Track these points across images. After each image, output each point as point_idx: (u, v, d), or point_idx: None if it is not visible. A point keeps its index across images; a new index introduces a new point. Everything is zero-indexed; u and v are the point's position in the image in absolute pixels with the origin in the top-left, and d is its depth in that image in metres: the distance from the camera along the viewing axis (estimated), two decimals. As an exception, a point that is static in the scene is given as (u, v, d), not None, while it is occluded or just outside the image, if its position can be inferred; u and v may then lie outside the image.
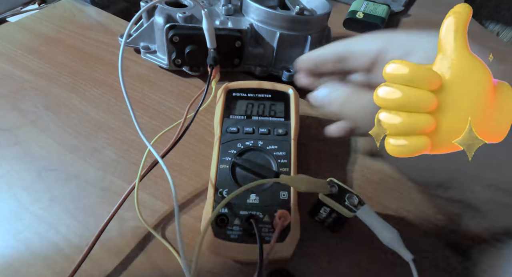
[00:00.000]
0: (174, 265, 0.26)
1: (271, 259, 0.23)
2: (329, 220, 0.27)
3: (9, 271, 0.26)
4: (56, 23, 0.50)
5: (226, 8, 0.41)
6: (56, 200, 0.30)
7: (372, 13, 0.58)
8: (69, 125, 0.36)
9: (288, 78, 0.42)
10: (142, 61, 0.44)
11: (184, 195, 0.31)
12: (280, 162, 0.28)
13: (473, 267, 0.26)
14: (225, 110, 0.32)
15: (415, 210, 0.31)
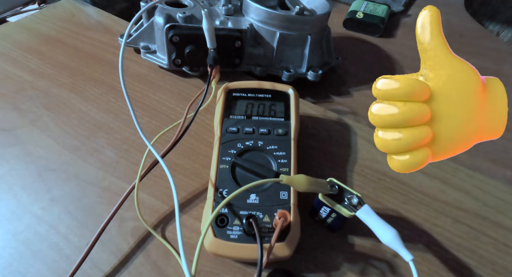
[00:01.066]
0: (174, 265, 0.26)
1: (271, 259, 0.23)
2: (329, 220, 0.27)
3: (9, 271, 0.26)
4: (56, 23, 0.50)
5: (226, 8, 0.41)
6: (56, 200, 0.30)
7: (372, 13, 0.58)
8: (69, 125, 0.36)
9: (288, 78, 0.42)
10: (142, 61, 0.44)
11: (184, 195, 0.31)
12: (280, 162, 0.28)
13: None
14: (225, 110, 0.32)
15: (415, 210, 0.31)
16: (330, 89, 0.46)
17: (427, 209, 0.31)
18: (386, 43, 0.57)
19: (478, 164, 0.38)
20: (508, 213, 0.31)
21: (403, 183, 0.33)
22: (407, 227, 0.30)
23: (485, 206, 0.32)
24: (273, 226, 0.24)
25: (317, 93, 0.45)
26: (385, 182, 0.33)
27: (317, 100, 0.44)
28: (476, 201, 0.32)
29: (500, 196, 0.32)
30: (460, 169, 0.34)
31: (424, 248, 0.28)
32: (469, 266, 0.28)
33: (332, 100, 0.45)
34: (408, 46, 0.57)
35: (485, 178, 0.34)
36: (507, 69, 0.53)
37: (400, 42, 0.58)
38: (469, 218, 0.31)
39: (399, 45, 0.57)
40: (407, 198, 0.32)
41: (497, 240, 0.29)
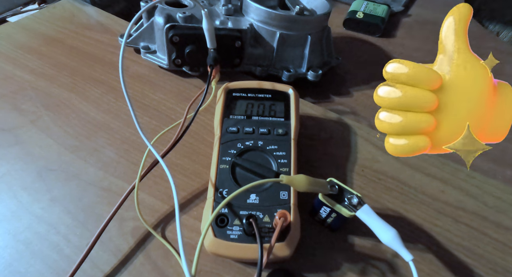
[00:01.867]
0: (174, 265, 0.26)
1: (271, 259, 0.23)
2: (329, 220, 0.27)
3: (9, 271, 0.26)
4: (56, 23, 0.50)
5: (226, 8, 0.41)
6: (56, 200, 0.30)
7: (372, 13, 0.58)
8: (69, 125, 0.36)
9: (288, 78, 0.42)
10: (142, 61, 0.44)
11: (184, 195, 0.31)
12: (280, 162, 0.28)
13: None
14: (225, 110, 0.32)
15: (415, 210, 0.31)
16: (330, 89, 0.46)
17: (427, 209, 0.31)
18: (386, 43, 0.57)
19: (478, 164, 0.38)
20: (508, 213, 0.31)
21: (403, 183, 0.33)
22: (407, 227, 0.30)
23: (485, 206, 0.32)
24: (273, 226, 0.24)
25: (317, 93, 0.45)
26: (385, 182, 0.33)
27: (317, 100, 0.44)
28: (476, 201, 0.32)
29: (500, 196, 0.32)
30: (460, 169, 0.34)
31: (424, 248, 0.28)
32: (469, 266, 0.28)
33: (332, 100, 0.45)
34: (408, 46, 0.57)
35: (485, 178, 0.34)
36: (508, 69, 0.53)
37: (400, 42, 0.58)
38: (469, 218, 0.31)
39: (399, 45, 0.57)
40: (407, 198, 0.32)
41: (497, 240, 0.29)
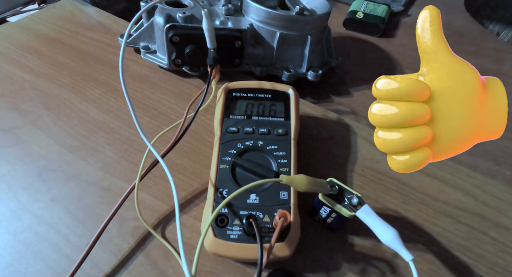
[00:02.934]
0: (174, 265, 0.26)
1: (271, 259, 0.23)
2: (329, 220, 0.27)
3: (9, 271, 0.26)
4: (56, 23, 0.50)
5: (226, 8, 0.41)
6: (56, 200, 0.30)
7: (372, 13, 0.58)
8: (69, 125, 0.36)
9: (288, 78, 0.42)
10: (142, 61, 0.44)
11: (184, 195, 0.31)
12: (280, 162, 0.28)
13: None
14: (225, 110, 0.32)
15: (415, 210, 0.31)
16: (330, 89, 0.46)
17: (427, 209, 0.31)
18: (386, 43, 0.57)
19: (478, 164, 0.38)
20: (508, 213, 0.31)
21: (403, 183, 0.33)
22: (407, 227, 0.30)
23: (485, 206, 0.32)
24: (273, 226, 0.24)
25: (317, 93, 0.45)
26: (385, 182, 0.33)
27: (317, 100, 0.44)
28: (476, 201, 0.32)
29: (500, 196, 0.32)
30: (460, 169, 0.34)
31: (424, 248, 0.28)
32: (469, 266, 0.28)
33: (332, 100, 0.45)
34: (408, 46, 0.57)
35: (485, 178, 0.34)
36: (507, 69, 0.53)
37: (400, 42, 0.58)
38: (469, 218, 0.31)
39: (399, 45, 0.57)
40: (407, 198, 0.32)
41: (497, 240, 0.29)
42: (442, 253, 0.28)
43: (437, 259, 0.28)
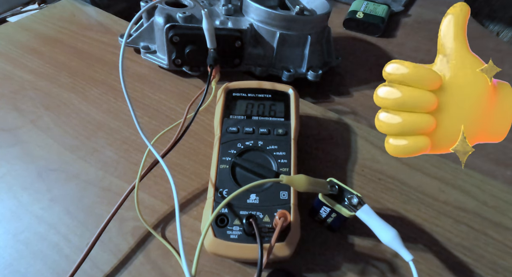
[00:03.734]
0: (174, 265, 0.26)
1: (271, 259, 0.23)
2: (329, 220, 0.27)
3: (9, 271, 0.26)
4: (56, 23, 0.50)
5: (226, 8, 0.41)
6: (56, 200, 0.30)
7: (372, 13, 0.58)
8: (69, 125, 0.36)
9: (288, 78, 0.42)
10: (142, 61, 0.44)
11: (184, 195, 0.31)
12: (280, 162, 0.28)
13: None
14: (225, 110, 0.32)
15: (415, 210, 0.31)
16: (330, 89, 0.46)
17: (427, 209, 0.31)
18: (386, 43, 0.57)
19: (478, 164, 0.38)
20: (508, 213, 0.31)
21: (403, 183, 0.33)
22: (407, 227, 0.30)
23: (485, 206, 0.32)
24: (273, 226, 0.24)
25: (317, 93, 0.45)
26: (385, 182, 0.33)
27: (317, 100, 0.44)
28: (476, 201, 0.32)
29: (500, 196, 0.32)
30: (460, 169, 0.34)
31: (424, 248, 0.28)
32: (469, 266, 0.28)
33: (332, 100, 0.45)
34: (408, 46, 0.57)
35: (485, 178, 0.34)
36: (508, 69, 0.53)
37: (400, 42, 0.58)
38: (469, 218, 0.31)
39: (399, 45, 0.57)
40: (407, 198, 0.32)
41: (497, 240, 0.29)
42: (442, 253, 0.28)
43: (437, 259, 0.28)
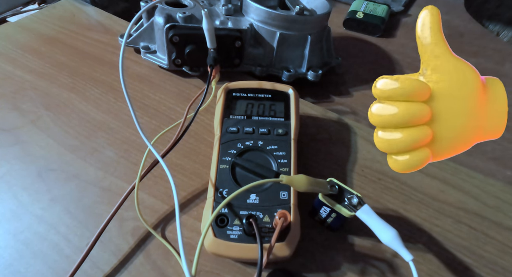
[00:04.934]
0: (174, 265, 0.26)
1: (271, 259, 0.23)
2: (329, 220, 0.27)
3: (9, 271, 0.26)
4: (56, 23, 0.50)
5: (226, 8, 0.41)
6: (56, 200, 0.30)
7: (372, 13, 0.58)
8: (69, 125, 0.36)
9: (288, 78, 0.42)
10: (142, 61, 0.44)
11: (184, 195, 0.31)
12: (280, 162, 0.28)
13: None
14: (225, 110, 0.32)
15: (415, 210, 0.31)
16: (330, 89, 0.46)
17: (427, 209, 0.31)
18: (386, 43, 0.57)
19: (478, 164, 0.38)
20: (508, 213, 0.31)
21: (403, 183, 0.33)
22: (407, 227, 0.30)
23: (485, 206, 0.32)
24: (273, 226, 0.24)
25: (317, 93, 0.45)
26: (385, 182, 0.33)
27: (317, 100, 0.44)
28: (476, 201, 0.32)
29: (500, 196, 0.32)
30: (460, 169, 0.34)
31: (424, 248, 0.28)
32: (469, 266, 0.28)
33: (332, 100, 0.45)
34: (408, 46, 0.57)
35: (485, 178, 0.34)
36: (507, 69, 0.53)
37: (400, 42, 0.58)
38: (469, 218, 0.31)
39: (399, 45, 0.57)
40: (407, 198, 0.32)
41: (497, 240, 0.29)
42: (442, 253, 0.28)
43: (437, 259, 0.28)
